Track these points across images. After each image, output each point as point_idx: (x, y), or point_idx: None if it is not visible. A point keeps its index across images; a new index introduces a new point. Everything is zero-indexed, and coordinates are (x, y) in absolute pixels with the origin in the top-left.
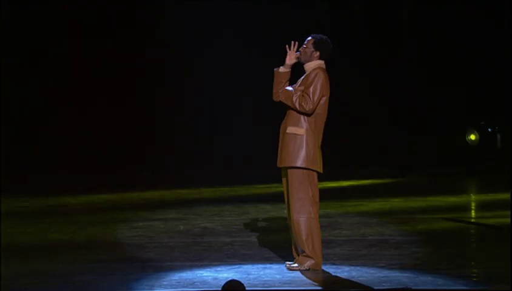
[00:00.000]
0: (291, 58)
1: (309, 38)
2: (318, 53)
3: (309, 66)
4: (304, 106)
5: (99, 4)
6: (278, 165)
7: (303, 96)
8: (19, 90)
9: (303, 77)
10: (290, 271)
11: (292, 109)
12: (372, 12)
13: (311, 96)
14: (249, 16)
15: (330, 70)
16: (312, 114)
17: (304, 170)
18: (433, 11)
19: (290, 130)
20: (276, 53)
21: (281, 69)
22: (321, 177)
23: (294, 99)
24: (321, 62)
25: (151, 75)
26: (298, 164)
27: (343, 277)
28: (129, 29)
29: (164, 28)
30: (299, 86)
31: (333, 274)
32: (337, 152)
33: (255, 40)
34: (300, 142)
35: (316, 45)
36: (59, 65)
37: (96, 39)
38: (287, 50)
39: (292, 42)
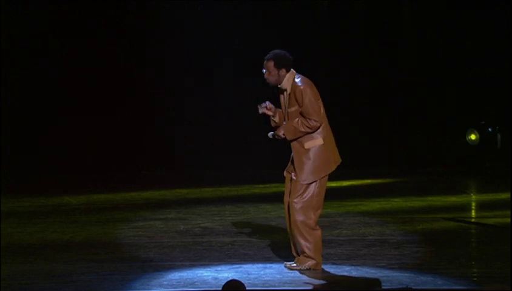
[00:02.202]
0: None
1: (266, 62)
2: (283, 70)
3: (286, 84)
4: (314, 125)
5: (99, 5)
6: (303, 182)
7: (305, 119)
8: (19, 90)
9: (286, 95)
10: (291, 271)
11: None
12: (372, 12)
13: (313, 114)
14: (248, 16)
15: (331, 70)
16: (322, 123)
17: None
18: (434, 12)
19: (309, 145)
20: None
21: (274, 123)
22: None
23: (302, 129)
24: (292, 73)
25: (152, 75)
26: (322, 175)
27: (343, 277)
28: (129, 29)
29: (164, 29)
30: (289, 107)
31: (333, 274)
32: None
33: (254, 40)
34: (321, 151)
35: (278, 65)
36: (59, 65)
37: (96, 39)
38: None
39: (265, 105)
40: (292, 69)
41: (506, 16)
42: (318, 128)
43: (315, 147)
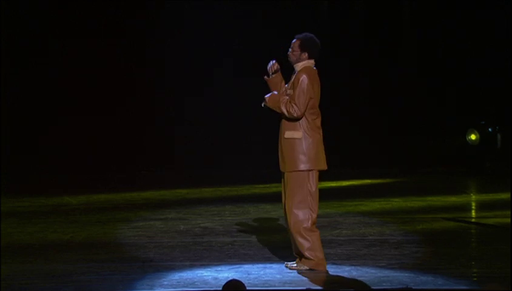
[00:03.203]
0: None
1: (294, 40)
2: (306, 54)
3: (298, 65)
4: (293, 113)
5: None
6: (282, 170)
7: (290, 102)
8: (19, 90)
9: (292, 77)
10: (291, 271)
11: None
12: (372, 12)
13: (297, 103)
14: (248, 16)
15: (330, 70)
16: (302, 118)
17: (305, 172)
18: (434, 12)
19: (288, 134)
20: (276, 53)
21: (271, 76)
22: (322, 177)
23: (282, 107)
24: (309, 61)
25: (152, 75)
26: (301, 168)
27: (343, 277)
28: (129, 29)
29: (164, 29)
30: (289, 89)
31: (333, 274)
32: (337, 152)
33: (254, 40)
34: (299, 145)
35: (303, 47)
36: (59, 65)
37: (96, 39)
38: (268, 71)
39: (272, 63)
40: (313, 60)
41: (506, 16)
42: (295, 118)
43: (292, 138)
